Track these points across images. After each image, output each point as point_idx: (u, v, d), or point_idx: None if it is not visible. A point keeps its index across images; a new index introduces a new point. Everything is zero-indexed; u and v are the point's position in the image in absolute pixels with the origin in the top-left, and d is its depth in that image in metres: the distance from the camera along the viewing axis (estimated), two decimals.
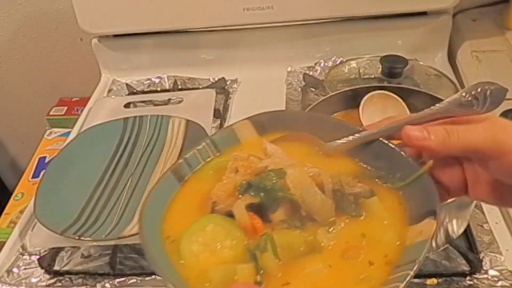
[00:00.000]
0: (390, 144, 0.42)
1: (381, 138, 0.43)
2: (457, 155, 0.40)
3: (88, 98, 1.09)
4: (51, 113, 1.29)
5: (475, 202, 0.67)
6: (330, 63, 1.05)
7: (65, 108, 1.30)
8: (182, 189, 0.41)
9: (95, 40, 1.11)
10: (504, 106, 0.77)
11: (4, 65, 1.33)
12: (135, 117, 0.88)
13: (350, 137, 0.43)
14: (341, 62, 1.02)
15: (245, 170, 0.39)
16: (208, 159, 0.43)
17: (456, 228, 0.65)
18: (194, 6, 1.02)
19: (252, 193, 0.37)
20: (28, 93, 1.39)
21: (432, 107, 0.41)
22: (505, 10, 1.04)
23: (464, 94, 0.39)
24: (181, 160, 0.42)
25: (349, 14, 1.03)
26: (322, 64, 1.06)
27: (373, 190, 0.40)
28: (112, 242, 0.70)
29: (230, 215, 0.37)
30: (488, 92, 0.39)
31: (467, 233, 0.70)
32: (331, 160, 0.43)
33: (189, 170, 0.42)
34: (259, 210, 0.37)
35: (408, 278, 0.32)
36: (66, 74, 1.35)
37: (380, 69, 0.89)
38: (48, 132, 1.24)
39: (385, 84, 0.84)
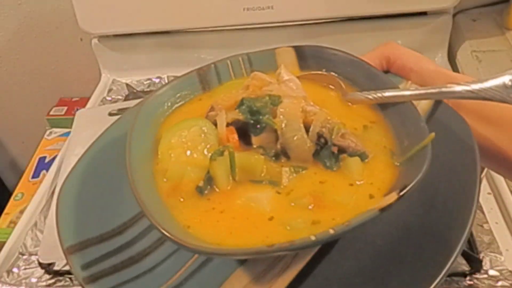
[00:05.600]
0: (417, 109, 0.38)
1: (411, 101, 0.39)
2: None
3: (88, 98, 1.09)
4: (51, 113, 1.29)
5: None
6: None
7: (65, 108, 1.30)
8: (200, 96, 0.42)
9: (95, 40, 1.11)
10: None
11: (4, 65, 1.33)
12: None
13: (377, 94, 0.40)
14: None
15: (254, 89, 0.38)
16: (239, 77, 0.42)
17: None
18: (194, 6, 1.02)
19: (241, 110, 0.37)
20: (28, 93, 1.39)
21: (471, 87, 0.36)
22: (505, 10, 1.04)
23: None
24: (211, 65, 0.42)
25: (349, 14, 1.03)
26: None
27: (365, 152, 0.37)
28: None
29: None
30: None
31: None
32: (352, 109, 0.41)
33: (217, 81, 0.42)
34: (243, 128, 0.37)
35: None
36: (66, 74, 1.35)
37: None
38: (48, 132, 1.23)
39: None
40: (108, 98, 1.08)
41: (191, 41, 1.10)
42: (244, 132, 0.37)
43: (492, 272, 0.64)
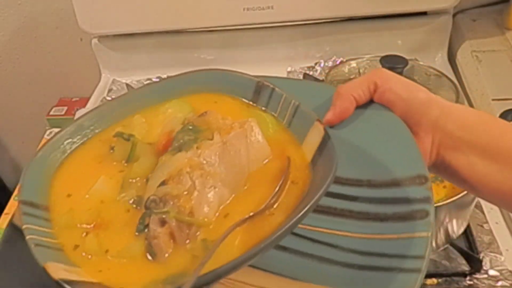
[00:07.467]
0: None
1: None
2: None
3: (88, 98, 1.09)
4: (51, 113, 1.29)
5: (475, 202, 0.67)
6: (330, 63, 1.05)
7: (65, 108, 1.30)
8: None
9: (95, 40, 1.11)
10: (504, 106, 0.77)
11: (4, 65, 1.33)
12: None
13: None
14: (341, 62, 1.01)
15: (224, 128, 0.40)
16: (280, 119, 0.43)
17: (456, 228, 0.65)
18: (194, 6, 1.02)
19: (181, 128, 0.40)
20: (28, 93, 1.39)
21: None
22: (505, 10, 1.04)
23: None
24: (270, 86, 0.44)
25: (349, 14, 1.03)
26: (322, 64, 1.06)
27: (154, 252, 0.35)
28: None
29: None
30: None
31: (467, 233, 0.70)
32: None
33: (265, 103, 0.44)
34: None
35: None
36: (66, 74, 1.35)
37: None
38: (48, 132, 1.23)
39: None
40: (108, 98, 1.08)
41: (191, 41, 1.10)
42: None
43: (492, 272, 0.65)
